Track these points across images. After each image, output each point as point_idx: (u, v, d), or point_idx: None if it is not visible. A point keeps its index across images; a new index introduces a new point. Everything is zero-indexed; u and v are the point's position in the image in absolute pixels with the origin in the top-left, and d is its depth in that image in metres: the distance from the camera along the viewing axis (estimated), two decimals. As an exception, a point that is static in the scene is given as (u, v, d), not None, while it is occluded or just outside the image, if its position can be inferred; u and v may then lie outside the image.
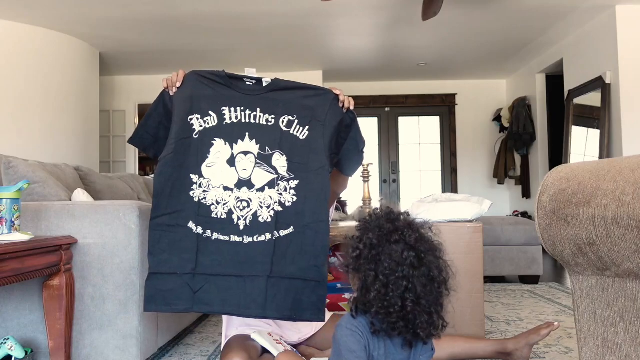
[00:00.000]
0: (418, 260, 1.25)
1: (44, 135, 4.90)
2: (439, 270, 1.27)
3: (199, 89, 1.82)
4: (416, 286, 1.23)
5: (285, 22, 4.85)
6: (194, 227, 1.71)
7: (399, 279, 1.23)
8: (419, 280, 1.24)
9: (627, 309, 1.08)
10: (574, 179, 1.16)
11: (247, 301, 1.68)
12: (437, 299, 1.27)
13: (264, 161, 1.76)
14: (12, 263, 1.67)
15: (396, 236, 1.26)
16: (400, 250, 1.25)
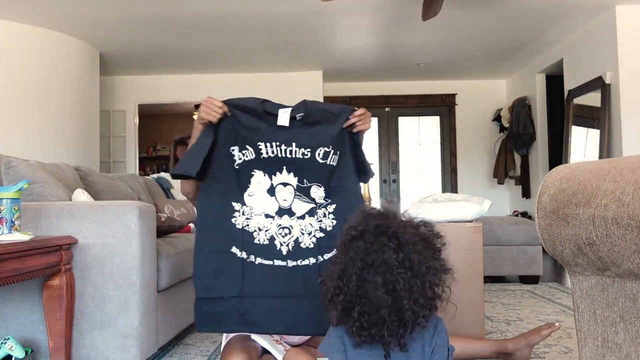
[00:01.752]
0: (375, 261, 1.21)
1: (44, 135, 4.90)
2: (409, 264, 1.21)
3: (237, 121, 1.86)
4: (367, 290, 1.19)
5: (285, 22, 4.85)
6: (238, 252, 1.75)
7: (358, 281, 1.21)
8: (371, 285, 1.19)
9: (627, 309, 1.08)
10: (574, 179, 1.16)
11: (294, 321, 1.73)
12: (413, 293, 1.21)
13: (302, 192, 1.81)
14: (12, 263, 1.68)
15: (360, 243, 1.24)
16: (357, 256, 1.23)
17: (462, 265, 2.39)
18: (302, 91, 6.75)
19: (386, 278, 1.18)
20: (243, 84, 6.79)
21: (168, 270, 2.30)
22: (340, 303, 1.23)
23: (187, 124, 9.69)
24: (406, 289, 1.19)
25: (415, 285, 1.21)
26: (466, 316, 2.39)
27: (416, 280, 1.21)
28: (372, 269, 1.20)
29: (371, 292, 1.19)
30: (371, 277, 1.20)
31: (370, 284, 1.19)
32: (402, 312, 1.19)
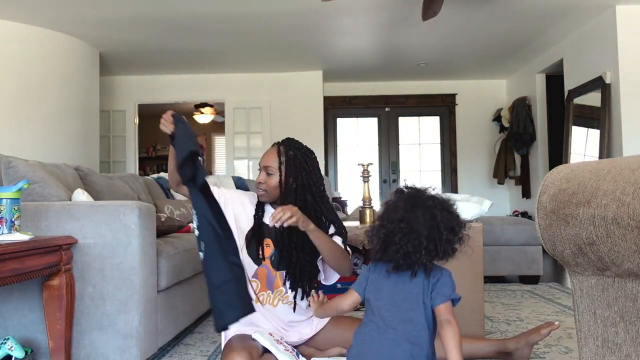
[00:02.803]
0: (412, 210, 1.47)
1: (44, 135, 4.89)
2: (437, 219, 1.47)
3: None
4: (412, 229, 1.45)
5: (285, 22, 4.85)
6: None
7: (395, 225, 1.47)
8: (414, 217, 1.46)
9: (627, 309, 1.08)
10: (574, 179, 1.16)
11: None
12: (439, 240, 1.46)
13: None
14: (12, 263, 1.67)
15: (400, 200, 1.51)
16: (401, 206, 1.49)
17: (462, 265, 2.39)
18: (302, 91, 6.76)
19: (428, 212, 1.47)
20: (243, 84, 6.79)
21: (168, 270, 2.30)
22: (383, 234, 1.48)
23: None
24: (442, 222, 1.46)
25: (448, 221, 1.48)
26: (466, 316, 2.39)
27: (450, 218, 1.49)
28: (416, 208, 1.48)
29: (414, 223, 1.46)
30: (414, 212, 1.47)
31: (414, 216, 1.46)
32: (436, 240, 1.45)
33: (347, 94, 7.40)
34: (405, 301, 1.48)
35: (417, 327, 1.45)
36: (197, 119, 8.87)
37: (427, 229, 1.45)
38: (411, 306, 1.46)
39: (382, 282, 1.53)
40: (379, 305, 1.50)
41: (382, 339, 1.47)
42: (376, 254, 1.52)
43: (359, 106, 7.50)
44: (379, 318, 1.49)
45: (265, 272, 2.00)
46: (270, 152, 2.04)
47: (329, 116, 7.44)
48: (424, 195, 1.52)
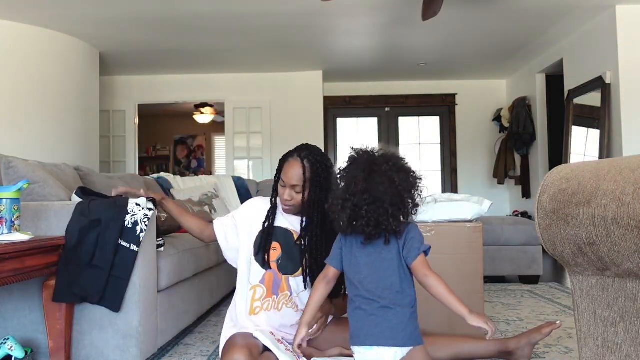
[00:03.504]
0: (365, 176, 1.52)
1: (44, 135, 4.89)
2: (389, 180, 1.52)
3: None
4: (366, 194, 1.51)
5: (285, 22, 4.85)
6: None
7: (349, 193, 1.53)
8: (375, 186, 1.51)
9: (627, 309, 1.08)
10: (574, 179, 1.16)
11: None
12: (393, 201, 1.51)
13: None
14: (12, 263, 1.68)
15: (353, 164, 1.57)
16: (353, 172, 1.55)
17: (462, 265, 2.39)
18: (302, 91, 6.76)
19: (386, 178, 1.51)
20: (243, 84, 6.79)
21: (168, 270, 2.30)
22: (349, 208, 1.51)
23: (187, 124, 9.73)
24: (402, 184, 1.52)
25: (406, 182, 1.54)
26: (466, 316, 2.39)
27: (406, 177, 1.55)
28: (375, 174, 1.51)
29: (375, 192, 1.49)
30: (373, 180, 1.50)
31: (374, 185, 1.49)
32: (399, 204, 1.52)
33: (347, 94, 7.40)
34: (383, 269, 1.53)
35: (400, 290, 1.52)
36: (197, 119, 8.88)
37: (390, 195, 1.50)
38: (390, 272, 1.53)
39: (357, 255, 1.57)
40: (360, 278, 1.55)
41: (373, 310, 1.52)
42: (346, 228, 1.55)
43: (359, 106, 7.50)
44: (364, 291, 1.53)
45: (272, 276, 2.00)
46: (295, 168, 1.97)
47: (329, 116, 7.44)
48: (378, 160, 1.55)
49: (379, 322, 1.50)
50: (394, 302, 1.51)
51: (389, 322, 1.50)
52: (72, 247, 1.96)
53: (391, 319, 1.50)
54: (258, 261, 1.99)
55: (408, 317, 1.52)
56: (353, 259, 1.58)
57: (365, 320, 1.53)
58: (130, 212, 2.01)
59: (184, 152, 10.20)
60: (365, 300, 1.53)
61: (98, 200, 2.10)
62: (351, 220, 1.52)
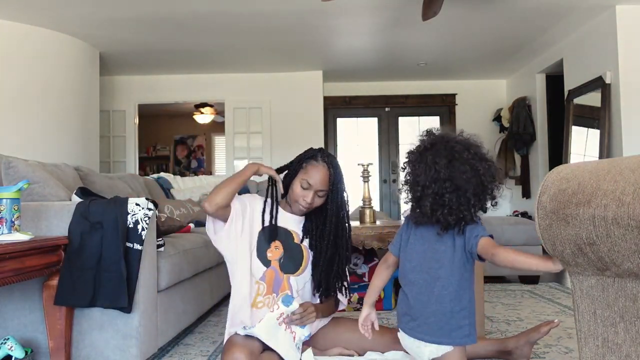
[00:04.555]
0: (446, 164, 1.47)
1: (44, 135, 4.89)
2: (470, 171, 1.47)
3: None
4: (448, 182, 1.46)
5: (285, 22, 4.85)
6: None
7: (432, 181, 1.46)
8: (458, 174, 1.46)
9: (627, 309, 1.08)
10: (574, 179, 1.16)
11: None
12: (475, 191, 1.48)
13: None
14: (12, 263, 1.68)
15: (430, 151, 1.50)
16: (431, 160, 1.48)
17: (462, 265, 2.38)
18: (302, 91, 6.76)
19: (469, 166, 1.45)
20: (243, 84, 6.79)
21: (168, 270, 2.30)
22: (430, 196, 1.46)
23: (187, 124, 9.74)
24: (485, 173, 1.48)
25: (489, 171, 1.49)
26: None
27: (489, 167, 1.50)
28: (456, 162, 1.46)
29: (458, 180, 1.44)
30: (456, 168, 1.45)
31: (457, 173, 1.45)
32: (482, 188, 1.49)
33: (347, 94, 7.40)
34: (434, 260, 1.50)
35: (448, 283, 1.47)
36: (197, 119, 8.87)
37: (473, 184, 1.46)
38: (440, 264, 1.49)
39: (412, 242, 1.56)
40: (411, 266, 1.54)
41: (417, 299, 1.50)
42: (430, 217, 1.48)
43: (359, 106, 7.50)
44: (411, 279, 1.53)
45: (273, 275, 2.00)
46: (323, 173, 2.02)
47: (329, 116, 7.44)
48: (458, 147, 1.48)
49: (419, 315, 1.49)
50: (438, 297, 1.47)
51: (427, 317, 1.48)
52: (75, 250, 1.96)
53: (431, 315, 1.47)
54: (260, 258, 2.00)
55: (451, 317, 1.47)
56: (409, 245, 1.57)
57: (407, 307, 1.53)
58: (130, 212, 2.02)
59: (184, 152, 10.20)
60: (410, 287, 1.52)
61: (98, 201, 2.10)
62: (433, 209, 1.46)
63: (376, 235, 2.90)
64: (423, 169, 1.48)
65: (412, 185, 1.51)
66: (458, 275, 1.48)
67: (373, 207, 3.29)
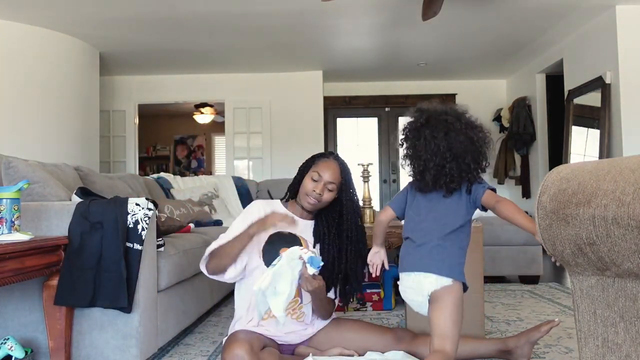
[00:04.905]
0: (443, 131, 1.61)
1: (44, 135, 4.90)
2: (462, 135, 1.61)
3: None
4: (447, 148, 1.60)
5: (285, 22, 4.85)
6: None
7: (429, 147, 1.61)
8: (457, 143, 1.60)
9: (627, 309, 1.09)
10: (574, 179, 1.16)
11: None
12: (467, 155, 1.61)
13: None
14: (12, 263, 1.67)
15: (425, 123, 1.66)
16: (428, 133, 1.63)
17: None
18: (302, 91, 6.76)
19: (464, 136, 1.59)
20: (243, 84, 6.79)
21: (168, 270, 2.30)
22: (432, 169, 1.59)
23: (187, 124, 9.74)
24: (479, 140, 1.61)
25: (482, 137, 1.62)
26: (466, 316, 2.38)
27: (481, 132, 1.63)
28: (452, 133, 1.59)
29: (456, 150, 1.57)
30: (452, 138, 1.59)
31: (455, 143, 1.58)
32: (479, 153, 1.60)
33: (347, 94, 7.40)
34: (441, 211, 1.64)
35: (453, 230, 1.61)
36: (197, 119, 8.88)
37: (470, 152, 1.60)
38: (447, 213, 1.63)
39: (419, 199, 1.69)
40: (418, 219, 1.66)
41: (422, 244, 1.61)
42: (432, 187, 1.63)
43: (359, 106, 7.50)
44: (418, 229, 1.64)
45: None
46: (334, 167, 2.05)
47: (329, 116, 7.44)
48: (450, 118, 1.63)
49: (424, 254, 1.59)
50: (444, 239, 1.60)
51: (432, 253, 1.58)
52: (75, 250, 1.95)
53: (436, 252, 1.58)
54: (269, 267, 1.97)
55: (453, 253, 1.60)
56: (415, 202, 1.70)
57: (412, 251, 1.63)
58: (130, 212, 2.02)
59: (184, 152, 10.20)
60: (417, 234, 1.63)
61: (98, 201, 2.10)
62: (435, 179, 1.60)
63: (376, 235, 2.89)
64: (423, 145, 1.61)
65: (414, 160, 1.64)
66: (461, 221, 1.63)
67: (373, 207, 3.29)
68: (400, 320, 2.90)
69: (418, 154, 1.62)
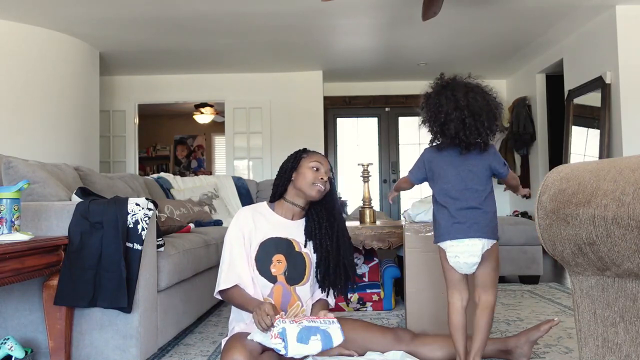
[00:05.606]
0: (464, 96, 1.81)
1: (44, 135, 4.90)
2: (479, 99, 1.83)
3: None
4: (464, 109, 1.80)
5: (285, 22, 4.85)
6: None
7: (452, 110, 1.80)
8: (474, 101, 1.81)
9: (627, 309, 1.08)
10: (574, 179, 1.16)
11: None
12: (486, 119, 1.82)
13: None
14: (12, 263, 1.67)
15: (446, 89, 1.85)
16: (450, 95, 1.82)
17: (462, 265, 2.38)
18: (302, 91, 6.76)
19: (480, 96, 1.82)
20: (243, 84, 6.79)
21: (168, 270, 2.30)
22: (452, 122, 1.77)
23: (187, 124, 9.74)
24: (492, 101, 1.86)
25: (496, 102, 1.87)
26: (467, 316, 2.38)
27: (494, 97, 1.88)
28: (471, 92, 1.81)
29: (473, 107, 1.78)
30: (472, 98, 1.80)
31: (473, 101, 1.79)
32: (493, 115, 1.83)
33: (347, 94, 7.40)
34: (469, 178, 1.81)
35: (482, 194, 1.80)
36: (197, 119, 8.88)
37: (485, 110, 1.81)
38: (476, 180, 1.81)
39: (445, 167, 1.85)
40: (447, 187, 1.82)
41: (459, 210, 1.79)
42: (451, 141, 1.81)
43: (359, 106, 7.50)
44: (450, 197, 1.81)
45: (281, 290, 1.98)
46: (326, 160, 2.10)
47: (329, 116, 7.44)
48: (469, 83, 1.88)
49: (467, 219, 1.77)
50: (479, 203, 1.79)
51: (475, 218, 1.77)
52: (75, 250, 1.95)
53: (477, 217, 1.77)
54: (264, 276, 1.96)
55: (490, 217, 1.79)
56: (441, 170, 1.85)
57: (452, 219, 1.79)
58: (130, 212, 2.02)
59: (184, 152, 10.20)
60: (452, 201, 1.80)
61: (98, 201, 2.10)
62: (456, 132, 1.77)
63: (376, 235, 2.90)
64: (445, 101, 1.80)
65: (436, 114, 1.81)
66: (488, 186, 1.83)
67: (373, 207, 3.29)
68: (400, 320, 2.90)
69: (439, 109, 1.80)
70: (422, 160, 1.95)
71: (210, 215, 4.04)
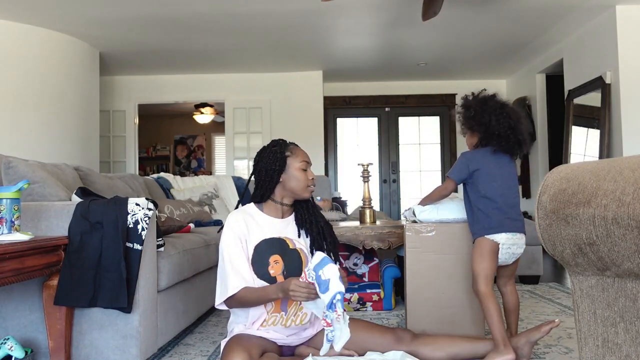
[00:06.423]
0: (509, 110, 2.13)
1: (43, 135, 4.90)
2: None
3: None
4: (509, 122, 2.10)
5: (285, 22, 4.85)
6: None
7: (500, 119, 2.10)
8: (517, 114, 2.14)
9: (627, 309, 1.08)
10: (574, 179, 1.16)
11: None
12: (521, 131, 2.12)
13: None
14: (12, 263, 1.67)
15: (491, 102, 2.14)
16: (497, 107, 2.12)
17: (463, 265, 2.39)
18: (302, 91, 6.76)
19: (515, 112, 2.12)
20: (243, 84, 6.79)
21: (168, 270, 2.30)
22: (510, 131, 2.07)
23: (187, 124, 9.74)
24: (523, 119, 2.16)
25: (526, 118, 2.23)
26: (466, 316, 2.39)
27: (526, 120, 2.19)
28: (507, 108, 2.11)
29: (513, 119, 2.09)
30: (513, 110, 2.12)
31: (513, 114, 2.11)
32: (524, 131, 2.12)
33: (347, 94, 7.40)
34: (510, 179, 2.12)
35: (516, 191, 2.14)
36: (197, 119, 8.88)
37: (523, 124, 2.12)
38: (514, 182, 2.14)
39: (492, 168, 2.10)
40: (495, 186, 2.08)
41: (508, 207, 2.08)
42: (511, 148, 2.10)
43: (359, 106, 7.50)
44: (498, 195, 2.08)
45: None
46: (307, 155, 2.13)
47: (329, 116, 7.44)
48: (502, 101, 2.16)
49: (517, 216, 2.08)
50: (518, 203, 2.12)
51: (520, 215, 2.10)
52: (75, 250, 1.95)
53: (520, 214, 2.10)
54: (263, 278, 1.95)
55: (522, 214, 2.12)
56: (489, 170, 2.09)
57: (504, 214, 2.05)
58: (130, 212, 2.02)
59: (184, 152, 10.20)
60: (501, 197, 2.06)
61: (98, 201, 2.10)
62: (505, 136, 2.07)
63: (376, 235, 2.90)
64: (492, 110, 2.08)
65: (481, 121, 2.09)
66: (517, 186, 2.16)
67: (373, 207, 3.29)
68: (400, 320, 2.90)
69: (483, 121, 2.08)
70: (464, 163, 2.15)
71: (210, 215, 4.04)
